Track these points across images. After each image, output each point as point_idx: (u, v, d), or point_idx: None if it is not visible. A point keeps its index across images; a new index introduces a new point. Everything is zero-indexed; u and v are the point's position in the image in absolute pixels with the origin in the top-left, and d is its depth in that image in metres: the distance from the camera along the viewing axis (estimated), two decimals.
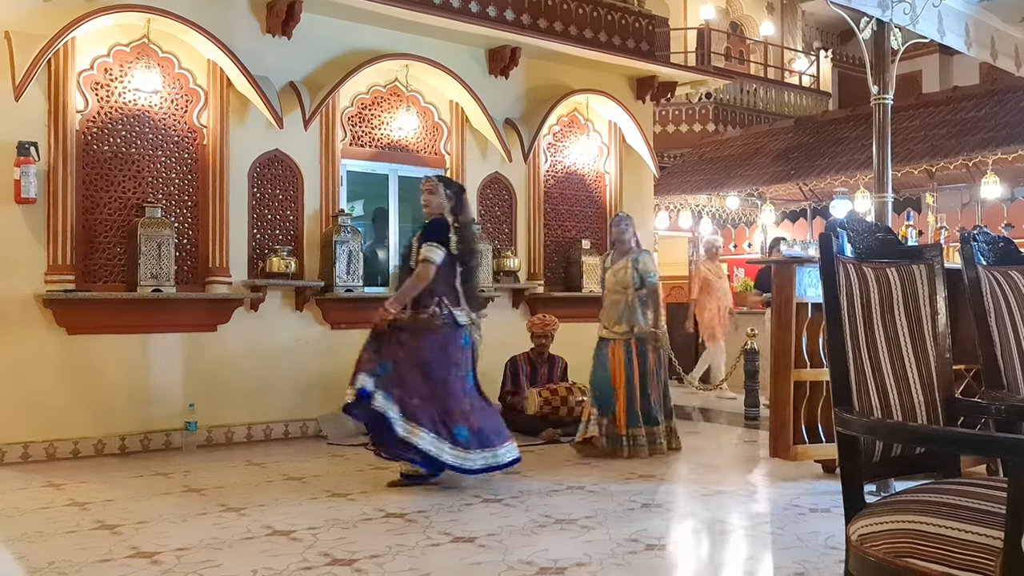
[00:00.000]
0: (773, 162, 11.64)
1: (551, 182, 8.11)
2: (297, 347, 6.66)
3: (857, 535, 1.88)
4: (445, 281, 4.78)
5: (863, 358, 2.11)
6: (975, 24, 5.24)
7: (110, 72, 6.05)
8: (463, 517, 4.17)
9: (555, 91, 7.92)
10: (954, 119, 10.21)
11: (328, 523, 4.09)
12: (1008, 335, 2.39)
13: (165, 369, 6.17)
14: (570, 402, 6.65)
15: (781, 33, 17.13)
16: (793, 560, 3.55)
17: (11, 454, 5.61)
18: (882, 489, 3.82)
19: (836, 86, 16.99)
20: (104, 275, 6.01)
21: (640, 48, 8.39)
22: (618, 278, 5.94)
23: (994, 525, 1.66)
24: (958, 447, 2.17)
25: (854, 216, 6.91)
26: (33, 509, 4.42)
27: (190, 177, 6.34)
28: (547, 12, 7.79)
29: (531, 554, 3.59)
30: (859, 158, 10.00)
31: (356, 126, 7.09)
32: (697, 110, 14.54)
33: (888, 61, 4.83)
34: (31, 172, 5.58)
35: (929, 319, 2.27)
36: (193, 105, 6.34)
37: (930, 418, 2.21)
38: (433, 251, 4.72)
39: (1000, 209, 10.55)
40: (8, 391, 5.63)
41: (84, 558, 3.55)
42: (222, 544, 3.76)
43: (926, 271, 2.31)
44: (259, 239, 6.58)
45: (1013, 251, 2.54)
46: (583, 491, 4.82)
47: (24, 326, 5.71)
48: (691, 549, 3.98)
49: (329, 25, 6.82)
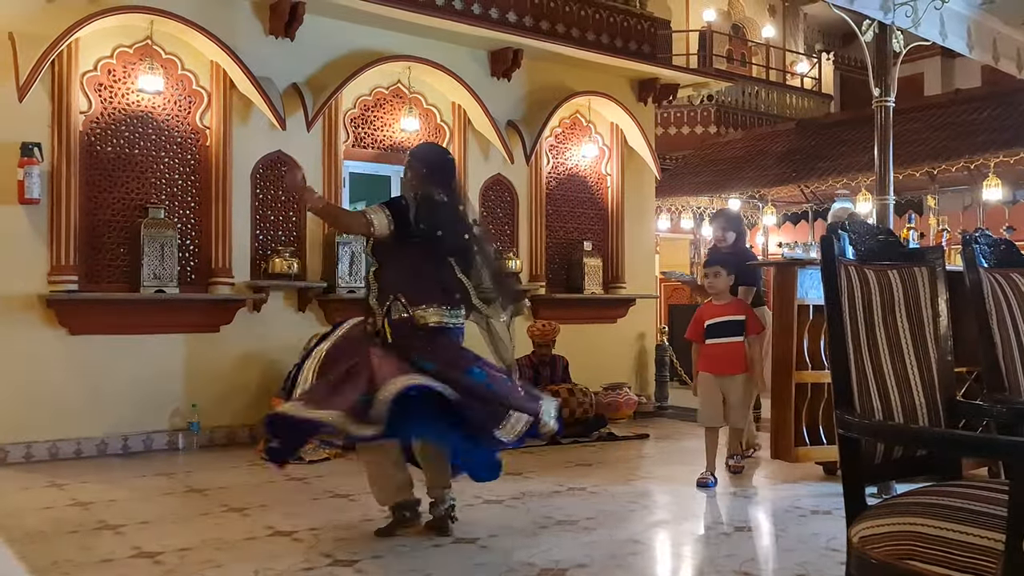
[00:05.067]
0: (775, 164, 11.65)
1: (553, 184, 8.12)
2: (299, 347, 6.64)
3: (858, 537, 1.89)
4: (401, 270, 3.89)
5: (864, 360, 2.12)
6: (977, 27, 5.24)
7: (113, 73, 6.06)
8: (464, 518, 4.17)
9: (557, 93, 7.92)
10: (956, 121, 10.21)
11: (330, 524, 4.09)
12: (1010, 337, 2.39)
13: (168, 369, 6.18)
14: (571, 404, 6.66)
15: (783, 35, 17.14)
16: (794, 562, 3.55)
17: (14, 454, 5.62)
18: (883, 491, 3.82)
19: (838, 88, 17.00)
20: (107, 276, 6.02)
21: (642, 50, 8.39)
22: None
23: (995, 528, 1.67)
24: (959, 449, 2.18)
25: (837, 210, 6.85)
26: (35, 509, 4.43)
27: (193, 178, 6.34)
28: (549, 14, 7.79)
29: (532, 555, 3.60)
30: (861, 160, 10.00)
31: (358, 128, 7.10)
32: (699, 112, 14.55)
33: (890, 63, 4.83)
34: (35, 173, 5.59)
35: (931, 321, 2.28)
36: (196, 106, 6.35)
37: (931, 420, 2.21)
38: (374, 213, 3.84)
39: (1002, 211, 10.55)
40: (11, 391, 5.64)
41: (86, 558, 3.56)
42: (224, 544, 3.76)
43: (928, 273, 2.31)
44: (262, 240, 6.59)
45: (1015, 253, 2.54)
46: (584, 492, 4.83)
47: (27, 326, 5.72)
48: (692, 551, 3.98)
49: (332, 27, 6.83)
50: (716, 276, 5.18)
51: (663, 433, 7.05)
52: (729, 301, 5.24)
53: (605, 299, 8.22)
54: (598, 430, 6.71)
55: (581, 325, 7.90)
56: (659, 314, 9.66)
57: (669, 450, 6.40)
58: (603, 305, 8.25)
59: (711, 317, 5.19)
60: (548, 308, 7.76)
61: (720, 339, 5.12)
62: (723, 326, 5.14)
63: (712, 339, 5.15)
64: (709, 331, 5.18)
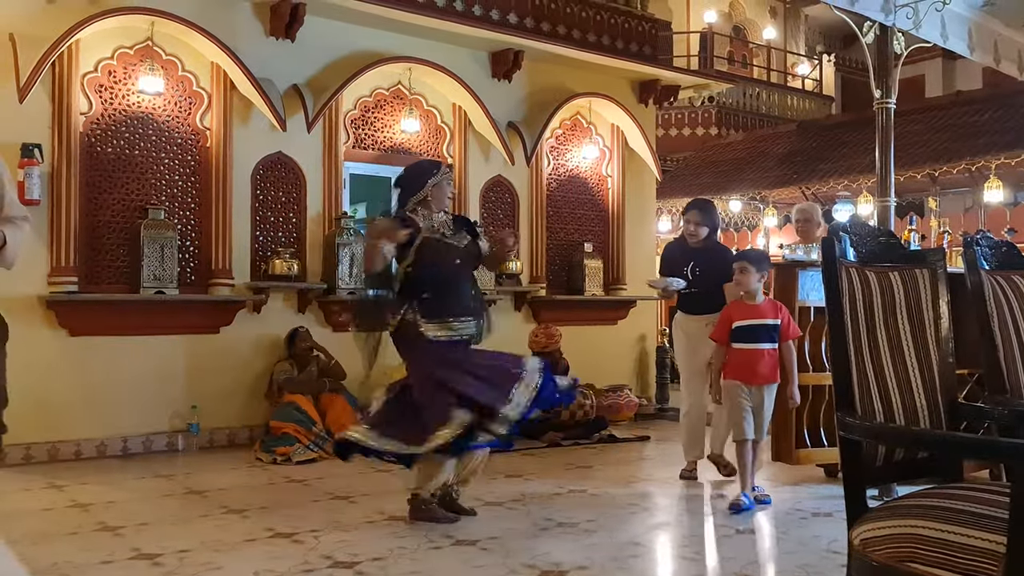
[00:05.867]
0: (776, 166, 11.66)
1: (554, 185, 8.12)
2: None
3: (859, 539, 1.88)
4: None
5: (866, 362, 2.11)
6: (978, 28, 5.24)
7: (114, 74, 6.06)
8: (464, 520, 4.17)
9: (558, 94, 7.92)
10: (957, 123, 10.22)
11: (330, 525, 4.08)
12: (1011, 339, 2.38)
13: (167, 371, 6.17)
14: (572, 406, 6.64)
15: (784, 37, 17.15)
16: (795, 564, 3.54)
17: (13, 455, 5.60)
18: (884, 493, 3.81)
19: (839, 90, 17.01)
20: (107, 277, 6.02)
21: (643, 52, 8.39)
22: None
23: (997, 530, 1.66)
24: (961, 451, 2.17)
25: (803, 208, 6.27)
26: (35, 510, 4.42)
27: (193, 179, 6.34)
28: (550, 16, 7.79)
29: (533, 557, 3.59)
30: (862, 162, 10.00)
31: (359, 129, 7.10)
32: (700, 114, 14.56)
33: (891, 65, 4.82)
34: (35, 174, 5.59)
35: (932, 323, 2.27)
36: (196, 107, 6.35)
37: (933, 422, 2.21)
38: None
39: (1003, 213, 10.54)
40: (10, 392, 5.61)
41: (86, 559, 3.56)
42: (224, 546, 3.76)
43: (929, 275, 2.31)
44: (262, 241, 6.59)
45: (1016, 255, 2.54)
46: (585, 495, 4.82)
47: (27, 327, 5.70)
48: (693, 553, 3.97)
49: (332, 28, 6.83)
50: (743, 272, 4.51)
51: (664, 435, 7.04)
52: (762, 301, 4.57)
53: (606, 301, 8.21)
54: (599, 432, 6.70)
55: (582, 327, 7.89)
56: (660, 316, 9.65)
57: (670, 452, 6.38)
58: (604, 307, 8.25)
59: (741, 318, 4.53)
60: (548, 310, 7.76)
61: (750, 344, 4.48)
62: (754, 330, 4.49)
63: (740, 344, 4.52)
64: (737, 334, 4.54)
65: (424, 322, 4.06)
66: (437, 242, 4.15)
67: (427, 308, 4.08)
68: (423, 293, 4.10)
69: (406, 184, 4.27)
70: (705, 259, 5.17)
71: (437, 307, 4.08)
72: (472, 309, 4.21)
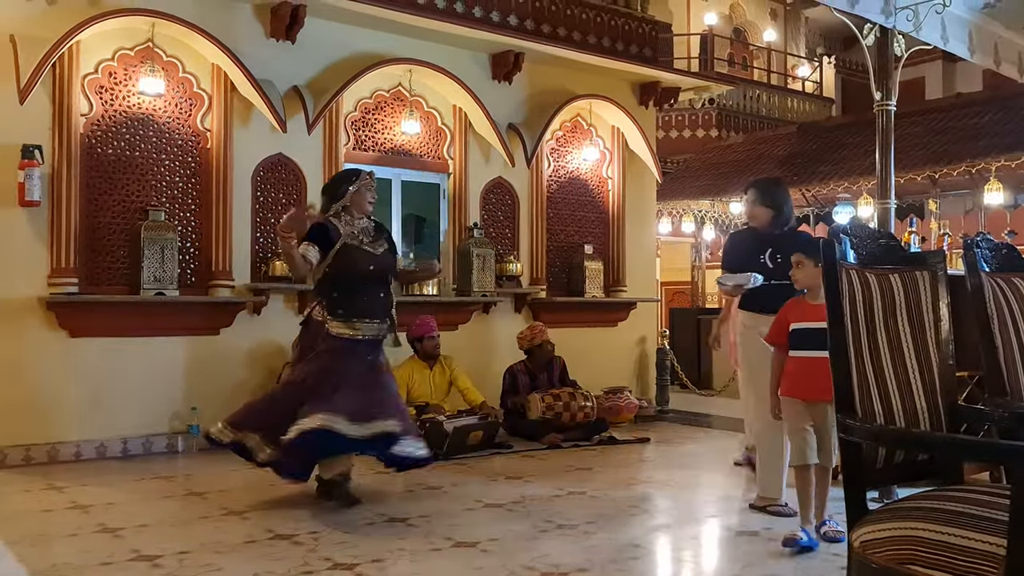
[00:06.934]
0: (776, 168, 11.64)
1: (554, 187, 8.12)
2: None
3: (860, 542, 1.88)
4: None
5: (866, 364, 2.11)
6: (978, 31, 5.24)
7: (114, 76, 6.06)
8: (465, 522, 4.17)
9: (558, 96, 7.92)
10: (957, 126, 10.21)
11: (330, 527, 4.08)
12: (1011, 341, 2.38)
13: (167, 372, 6.17)
14: (572, 408, 6.65)
15: (784, 39, 17.15)
16: (795, 566, 3.54)
17: (13, 456, 5.61)
18: (885, 496, 3.81)
19: (839, 92, 17.02)
20: (107, 278, 6.02)
21: (643, 54, 8.40)
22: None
23: (997, 532, 1.66)
24: (961, 454, 2.17)
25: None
26: (35, 512, 4.42)
27: (194, 181, 6.34)
28: (550, 17, 7.80)
29: (532, 559, 3.59)
30: (862, 164, 9.99)
31: (359, 130, 7.10)
32: (700, 116, 14.55)
33: (891, 67, 4.83)
34: (35, 175, 5.59)
35: (932, 325, 2.27)
36: (197, 109, 6.35)
37: (933, 424, 2.21)
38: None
39: (1003, 215, 10.55)
40: (10, 393, 5.63)
41: (85, 561, 3.55)
42: (224, 547, 3.76)
43: (929, 277, 2.31)
44: (262, 243, 6.59)
45: (1016, 258, 2.54)
46: (585, 496, 4.82)
47: (27, 328, 5.72)
48: (692, 555, 3.97)
49: (333, 30, 6.83)
50: (799, 267, 3.87)
51: (664, 437, 7.04)
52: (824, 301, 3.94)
53: (606, 303, 8.21)
54: (599, 434, 6.69)
55: (582, 329, 7.90)
56: (660, 318, 9.66)
57: (670, 454, 6.39)
58: (604, 309, 8.25)
59: (799, 319, 3.81)
60: (549, 311, 7.76)
61: (810, 352, 3.71)
62: (813, 335, 3.61)
63: (799, 351, 3.80)
64: (795, 339, 3.82)
65: (330, 319, 4.45)
66: (356, 249, 4.49)
67: (334, 306, 4.46)
68: (333, 292, 4.47)
69: (329, 191, 4.70)
70: (787, 245, 4.30)
71: (344, 306, 4.44)
72: (376, 312, 4.52)
